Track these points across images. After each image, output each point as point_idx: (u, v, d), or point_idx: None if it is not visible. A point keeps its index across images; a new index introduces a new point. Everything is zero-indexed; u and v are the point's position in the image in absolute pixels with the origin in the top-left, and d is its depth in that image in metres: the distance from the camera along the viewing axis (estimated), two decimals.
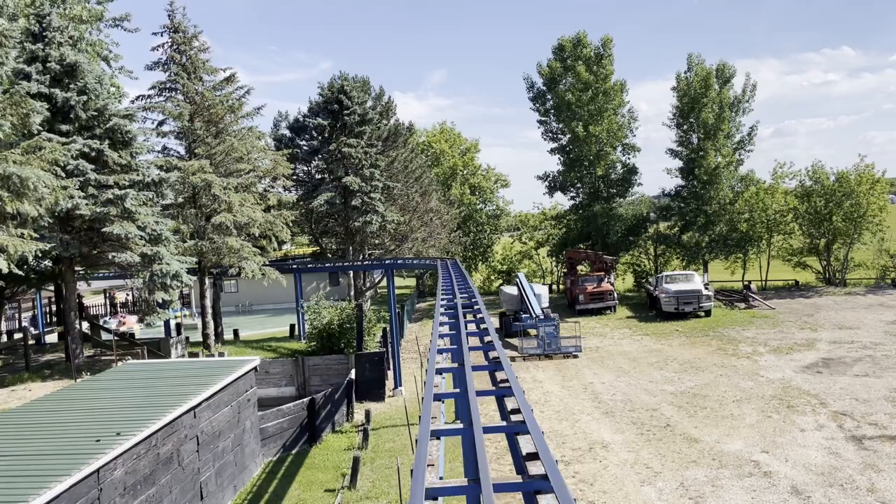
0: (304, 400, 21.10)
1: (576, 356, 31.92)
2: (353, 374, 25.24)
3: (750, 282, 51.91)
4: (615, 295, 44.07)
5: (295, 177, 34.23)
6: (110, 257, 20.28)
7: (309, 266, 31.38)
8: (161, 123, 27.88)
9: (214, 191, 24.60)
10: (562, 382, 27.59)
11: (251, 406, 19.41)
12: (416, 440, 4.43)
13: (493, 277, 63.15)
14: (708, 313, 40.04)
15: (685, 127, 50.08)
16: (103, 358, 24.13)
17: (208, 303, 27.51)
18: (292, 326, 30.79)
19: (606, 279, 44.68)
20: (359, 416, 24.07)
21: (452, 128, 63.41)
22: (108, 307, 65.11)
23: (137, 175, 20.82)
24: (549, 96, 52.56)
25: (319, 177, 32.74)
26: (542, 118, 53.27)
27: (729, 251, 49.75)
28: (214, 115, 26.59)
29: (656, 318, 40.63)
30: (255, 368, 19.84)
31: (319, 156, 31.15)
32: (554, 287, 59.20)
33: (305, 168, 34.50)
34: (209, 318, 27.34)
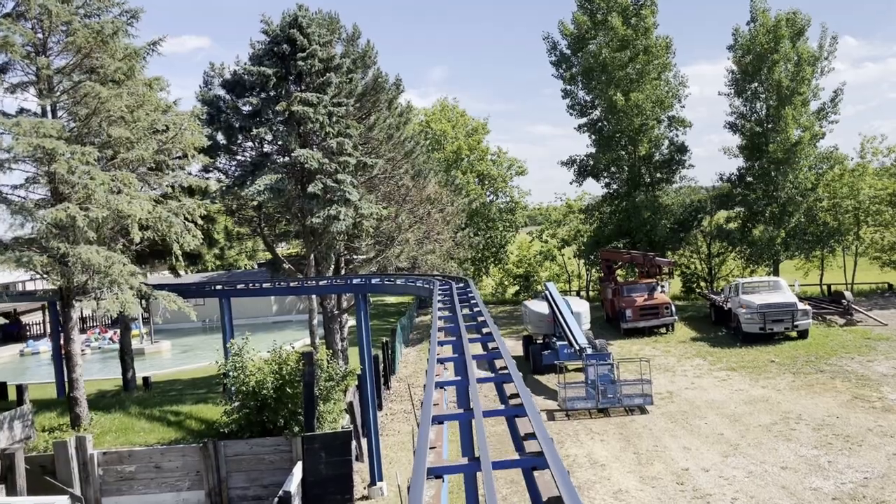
0: None
1: (645, 411, 21.68)
2: (298, 471, 15.08)
3: (829, 285, 41.64)
4: (673, 309, 33.73)
5: (234, 155, 24.08)
6: None
7: (239, 288, 21.17)
8: (3, 70, 17.73)
9: (57, 167, 14.49)
10: (637, 468, 17.33)
11: None
12: None
13: (506, 283, 52.90)
14: (804, 334, 29.75)
15: (748, 93, 39.65)
16: None
17: (77, 347, 17.33)
18: (225, 377, 20.50)
19: (660, 288, 34.39)
20: None
21: (455, 105, 53.09)
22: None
23: None
24: (574, 60, 42.15)
25: (266, 151, 22.61)
26: (568, 86, 42.84)
27: (809, 249, 39.31)
28: (77, 46, 16.45)
29: (733, 341, 30.33)
30: None
31: (261, 120, 21.07)
32: (582, 294, 48.89)
33: (252, 144, 24.36)
34: (78, 373, 17.15)
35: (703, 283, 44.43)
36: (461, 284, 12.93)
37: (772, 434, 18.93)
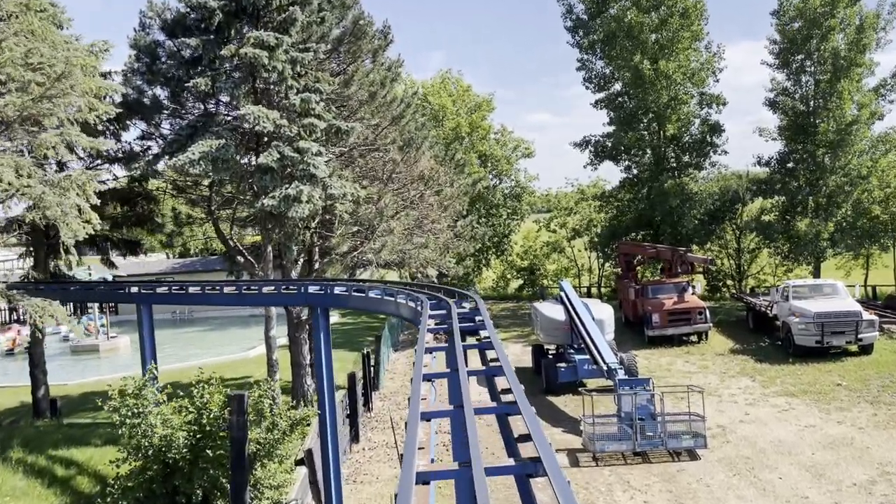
0: None
1: (696, 455, 16.80)
2: None
3: (874, 287, 36.92)
4: (707, 314, 28.81)
5: (181, 117, 19.04)
6: None
7: (160, 293, 16.17)
8: None
9: None
10: None
11: None
12: None
13: (509, 276, 48.07)
14: (867, 349, 24.95)
15: (795, 66, 34.53)
16: None
17: None
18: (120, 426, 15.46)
19: (692, 289, 29.50)
20: None
21: (459, 78, 47.80)
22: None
23: None
24: (593, 25, 36.89)
25: (213, 111, 17.61)
26: (585, 55, 37.69)
27: (859, 245, 34.41)
28: None
29: (783, 355, 25.50)
30: None
31: (202, 69, 16.10)
32: (593, 291, 44.04)
33: (201, 105, 19.28)
34: None
35: (729, 282, 39.68)
36: (466, 307, 7.94)
37: (874, 500, 14.08)
